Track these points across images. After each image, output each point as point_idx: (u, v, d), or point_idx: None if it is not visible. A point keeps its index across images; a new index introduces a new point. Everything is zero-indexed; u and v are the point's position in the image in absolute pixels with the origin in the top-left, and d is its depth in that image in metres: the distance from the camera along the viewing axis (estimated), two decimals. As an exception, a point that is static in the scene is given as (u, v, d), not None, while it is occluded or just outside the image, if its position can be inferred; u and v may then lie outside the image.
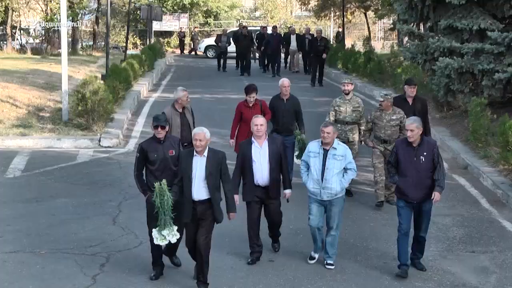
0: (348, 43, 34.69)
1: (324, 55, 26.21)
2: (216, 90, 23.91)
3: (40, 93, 20.02)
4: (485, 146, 14.44)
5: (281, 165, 8.99)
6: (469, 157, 14.34)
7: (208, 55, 39.67)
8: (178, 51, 43.24)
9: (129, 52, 30.26)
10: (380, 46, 41.35)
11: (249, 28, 32.70)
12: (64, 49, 17.80)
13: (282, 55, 30.74)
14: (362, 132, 11.79)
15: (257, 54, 31.54)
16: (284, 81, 12.20)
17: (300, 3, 44.09)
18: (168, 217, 7.89)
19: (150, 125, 9.09)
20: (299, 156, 10.34)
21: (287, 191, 9.15)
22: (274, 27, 30.80)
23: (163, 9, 41.93)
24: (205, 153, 8.15)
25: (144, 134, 16.98)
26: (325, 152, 8.74)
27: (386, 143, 11.30)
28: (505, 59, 15.85)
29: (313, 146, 8.89)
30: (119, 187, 12.57)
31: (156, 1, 42.95)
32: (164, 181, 7.89)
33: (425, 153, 8.55)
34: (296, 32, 32.55)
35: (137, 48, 41.32)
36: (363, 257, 9.54)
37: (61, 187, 12.65)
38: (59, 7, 19.48)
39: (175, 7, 44.50)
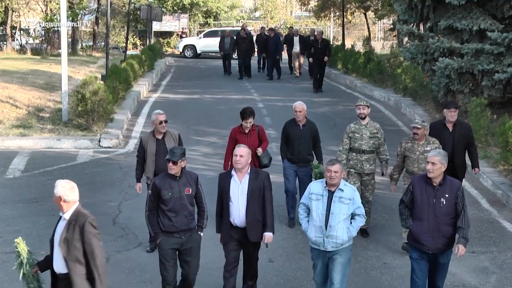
0: (348, 44, 34.68)
1: (326, 58, 25.02)
2: (216, 91, 23.92)
3: (40, 93, 20.03)
4: (485, 146, 14.45)
5: (264, 205, 7.80)
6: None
7: (186, 55, 39.68)
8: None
9: (129, 52, 30.26)
10: (380, 47, 41.34)
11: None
12: (64, 49, 17.80)
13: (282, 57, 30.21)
14: (384, 163, 10.27)
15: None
16: (297, 105, 10.60)
17: (300, 3, 44.09)
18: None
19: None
20: None
21: (267, 234, 7.84)
22: (271, 29, 30.01)
23: (163, 9, 41.92)
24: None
25: (144, 135, 16.98)
26: (330, 194, 7.42)
27: None
28: (505, 59, 15.85)
29: (316, 187, 7.55)
30: (119, 188, 12.58)
31: (156, 2, 42.96)
32: (19, 239, 6.75)
33: (446, 195, 7.27)
34: (302, 33, 31.29)
35: (137, 48, 41.32)
36: (363, 257, 9.54)
37: (61, 188, 12.63)
38: (59, 8, 19.47)
39: (175, 8, 44.48)
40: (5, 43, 34.92)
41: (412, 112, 19.39)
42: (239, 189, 7.75)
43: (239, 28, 29.57)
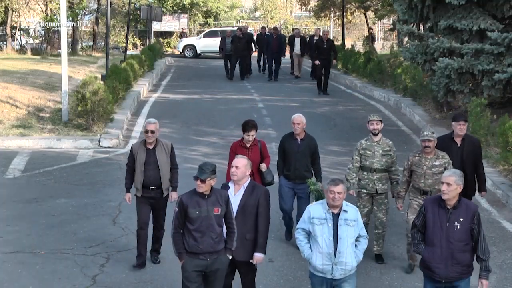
0: (348, 44, 34.69)
1: (334, 62, 24.58)
2: (216, 91, 23.93)
3: (40, 93, 20.03)
4: (485, 146, 14.44)
5: (257, 223, 7.33)
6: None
7: (186, 55, 39.68)
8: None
9: (129, 52, 30.26)
10: (380, 47, 41.34)
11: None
12: (64, 49, 17.81)
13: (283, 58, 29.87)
14: (395, 183, 9.52)
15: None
16: (296, 117, 9.79)
17: (300, 3, 44.10)
18: None
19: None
20: None
21: (257, 255, 7.35)
22: (275, 28, 29.77)
23: (163, 9, 41.93)
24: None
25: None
26: (335, 217, 6.84)
27: (427, 194, 8.88)
28: (505, 59, 15.85)
29: (317, 210, 6.92)
30: (119, 188, 12.56)
31: (156, 2, 42.97)
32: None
33: (461, 219, 6.65)
34: (302, 34, 30.84)
35: (137, 48, 41.32)
36: (363, 258, 9.52)
37: (61, 188, 12.66)
38: (59, 8, 19.48)
39: (175, 8, 44.50)
40: (5, 43, 34.93)
41: (412, 112, 19.39)
42: (232, 202, 7.23)
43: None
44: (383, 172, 9.40)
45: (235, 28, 31.88)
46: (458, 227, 6.62)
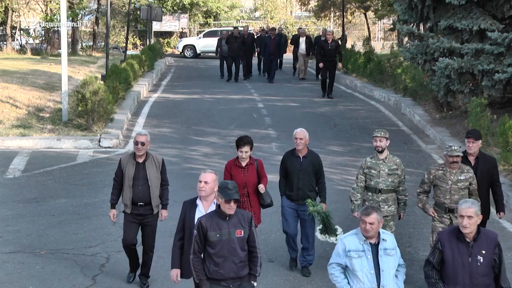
0: (347, 44, 34.68)
1: (340, 65, 24.04)
2: (216, 91, 23.92)
3: (40, 93, 20.03)
4: (485, 146, 14.44)
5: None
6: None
7: (186, 55, 39.70)
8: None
9: (129, 52, 30.26)
10: (380, 47, 41.35)
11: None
12: (64, 49, 17.81)
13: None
14: (402, 204, 8.87)
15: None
16: (298, 132, 9.00)
17: (300, 3, 44.10)
18: None
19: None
20: (323, 231, 8.59)
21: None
22: (273, 29, 29.20)
23: (163, 9, 41.92)
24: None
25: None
26: (374, 247, 6.22)
27: (453, 212, 8.28)
28: (505, 59, 15.85)
29: (352, 242, 6.27)
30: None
31: (156, 2, 42.96)
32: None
33: (483, 251, 6.07)
34: (306, 33, 30.09)
35: (137, 48, 41.32)
36: None
37: (61, 188, 12.66)
38: (59, 8, 19.50)
39: (175, 8, 44.50)
40: (5, 43, 34.95)
41: (412, 112, 19.39)
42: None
43: (240, 28, 29.18)
44: (389, 192, 8.72)
45: (241, 29, 31.47)
46: (481, 260, 6.07)
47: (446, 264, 6.14)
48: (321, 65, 23.10)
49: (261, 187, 8.82)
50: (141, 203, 8.45)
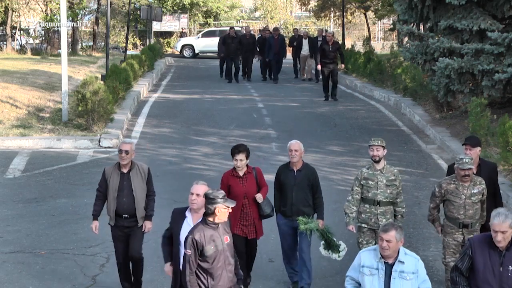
0: (348, 44, 34.68)
1: (342, 66, 23.68)
2: (216, 91, 23.92)
3: (40, 93, 20.03)
4: (485, 146, 14.44)
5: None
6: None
7: (185, 55, 39.70)
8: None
9: (129, 52, 30.26)
10: (380, 47, 41.36)
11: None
12: (64, 49, 17.81)
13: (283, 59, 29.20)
14: (399, 217, 8.43)
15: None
16: (293, 143, 8.51)
17: (300, 3, 44.11)
18: None
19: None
20: (326, 247, 8.31)
21: None
22: (275, 29, 29.04)
23: (163, 9, 41.92)
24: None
25: (144, 135, 17.02)
26: (388, 267, 5.90)
27: (467, 228, 7.98)
28: (505, 59, 15.85)
29: (368, 258, 6.00)
30: (119, 188, 12.57)
31: (156, 2, 42.96)
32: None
33: None
34: (309, 35, 29.83)
35: (137, 48, 41.33)
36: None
37: (61, 188, 12.66)
38: (59, 8, 19.50)
39: (175, 8, 44.50)
40: (5, 43, 34.94)
41: (412, 112, 19.39)
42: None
43: (239, 28, 29.01)
44: (388, 205, 8.30)
45: (236, 29, 31.31)
46: None
47: (476, 272, 5.93)
48: (318, 67, 23.00)
49: (259, 197, 8.39)
50: (126, 215, 8.11)
